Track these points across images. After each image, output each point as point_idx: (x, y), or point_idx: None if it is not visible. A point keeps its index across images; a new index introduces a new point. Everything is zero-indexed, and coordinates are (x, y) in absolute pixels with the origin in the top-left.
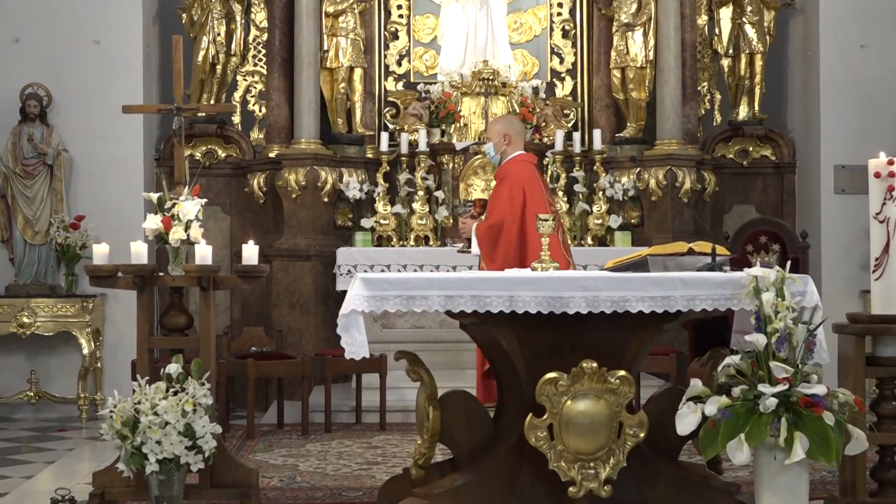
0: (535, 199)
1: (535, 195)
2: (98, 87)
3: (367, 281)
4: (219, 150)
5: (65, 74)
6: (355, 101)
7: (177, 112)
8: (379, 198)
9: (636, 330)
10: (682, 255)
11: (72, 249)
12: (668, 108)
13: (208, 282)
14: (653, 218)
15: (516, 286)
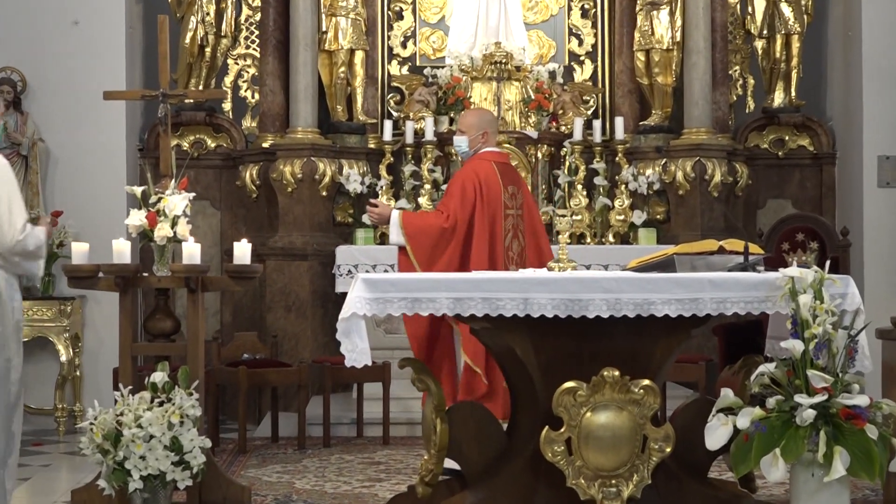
0: (482, 202)
1: (483, 198)
2: (77, 71)
3: (368, 282)
4: (208, 140)
5: (41, 58)
6: (356, 86)
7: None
8: (382, 191)
9: (662, 335)
10: (711, 254)
11: (48, 248)
12: (697, 93)
13: (197, 283)
14: (680, 214)
15: (531, 288)
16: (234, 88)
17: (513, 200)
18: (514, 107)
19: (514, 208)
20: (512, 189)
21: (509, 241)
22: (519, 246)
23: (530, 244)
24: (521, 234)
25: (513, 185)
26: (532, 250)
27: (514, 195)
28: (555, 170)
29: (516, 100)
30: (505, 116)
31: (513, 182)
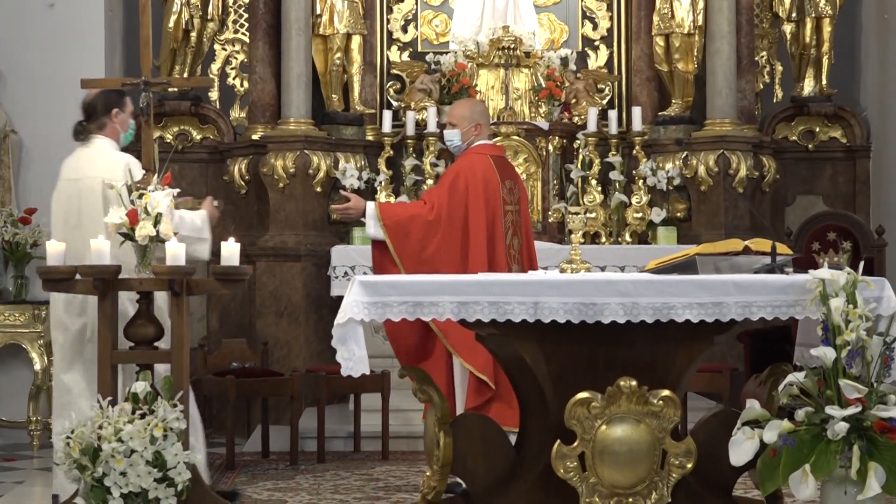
0: (480, 198)
1: (481, 195)
2: (52, 57)
3: (367, 285)
4: (193, 132)
5: (13, 43)
6: (353, 74)
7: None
8: (381, 187)
9: (682, 342)
10: (736, 255)
11: (21, 248)
12: (721, 81)
13: (181, 286)
14: (702, 211)
15: (542, 291)
16: (222, 76)
17: (511, 196)
18: (524, 96)
19: (513, 203)
20: (509, 184)
21: (510, 238)
22: (519, 243)
23: (523, 243)
24: (520, 231)
25: (510, 179)
26: (524, 248)
27: (511, 190)
28: (567, 164)
29: (526, 88)
30: (514, 106)
31: (510, 176)
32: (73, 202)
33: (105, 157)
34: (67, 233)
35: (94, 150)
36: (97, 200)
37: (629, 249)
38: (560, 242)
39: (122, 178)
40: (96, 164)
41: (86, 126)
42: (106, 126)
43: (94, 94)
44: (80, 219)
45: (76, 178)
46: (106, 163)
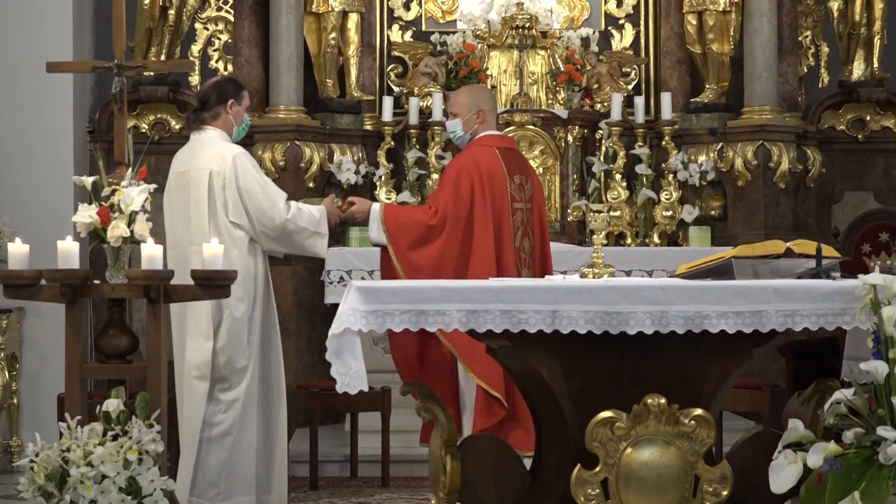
0: (485, 196)
1: (486, 192)
2: (15, 40)
3: (365, 291)
4: (171, 121)
5: None
6: (350, 56)
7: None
8: (381, 183)
9: (717, 356)
10: (777, 258)
11: None
12: (760, 64)
13: (158, 292)
14: (739, 209)
15: (560, 298)
16: (203, 59)
17: (521, 192)
18: (540, 80)
19: (523, 201)
20: (519, 179)
21: (520, 239)
22: (530, 245)
23: (537, 245)
24: (531, 232)
25: (520, 173)
26: (538, 250)
27: (521, 185)
28: (588, 156)
29: (542, 72)
30: (528, 92)
31: (520, 171)
32: (181, 197)
33: (214, 147)
34: (176, 233)
35: (203, 141)
36: (203, 194)
37: (658, 252)
38: (580, 244)
39: (231, 170)
40: (204, 154)
41: (199, 115)
42: (220, 116)
43: (211, 84)
44: (188, 214)
45: (184, 170)
46: (214, 153)
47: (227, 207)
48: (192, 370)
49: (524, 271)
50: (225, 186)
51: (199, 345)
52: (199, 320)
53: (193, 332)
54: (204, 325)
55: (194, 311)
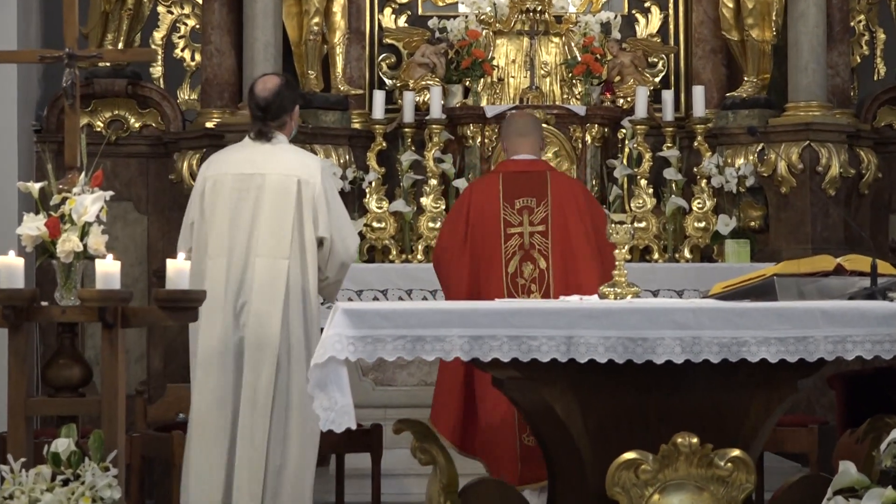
0: (469, 224)
1: (476, 216)
2: None
3: (352, 314)
4: (131, 118)
5: None
6: (335, 44)
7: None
8: (371, 189)
9: (757, 388)
10: (826, 276)
11: None
12: (806, 54)
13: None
14: (782, 219)
15: (577, 322)
16: (167, 47)
17: (523, 216)
18: (554, 72)
19: (527, 225)
20: (524, 202)
21: (516, 264)
22: (535, 269)
23: (557, 266)
24: (539, 256)
25: (529, 196)
26: (558, 271)
27: (527, 209)
28: (609, 159)
29: (556, 63)
30: (541, 86)
31: (530, 193)
32: (243, 203)
33: (293, 153)
34: (232, 241)
35: (279, 148)
36: (288, 202)
37: (689, 269)
38: None
39: (320, 182)
40: (283, 159)
41: (267, 125)
42: (286, 126)
43: (274, 90)
44: (254, 222)
45: (250, 172)
46: (296, 160)
47: (316, 221)
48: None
49: (521, 297)
50: (315, 198)
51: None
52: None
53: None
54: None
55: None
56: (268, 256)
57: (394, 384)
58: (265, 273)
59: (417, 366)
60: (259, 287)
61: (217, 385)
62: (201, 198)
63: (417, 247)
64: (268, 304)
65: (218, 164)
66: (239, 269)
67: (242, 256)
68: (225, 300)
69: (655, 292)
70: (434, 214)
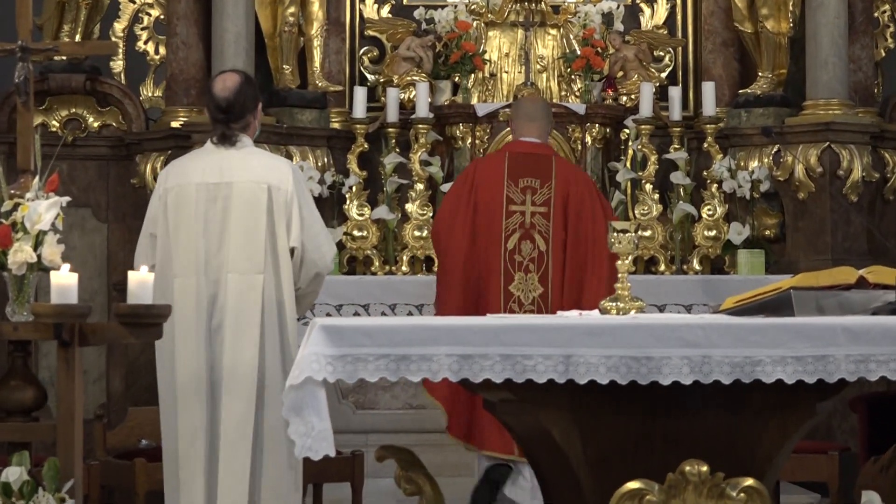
0: (470, 199)
1: (479, 192)
2: None
3: (331, 331)
4: (89, 117)
5: None
6: (312, 36)
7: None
8: (351, 195)
9: (773, 412)
10: (847, 290)
11: None
12: (826, 47)
13: (72, 332)
14: (800, 228)
15: (576, 340)
16: (129, 39)
17: (525, 195)
18: (551, 67)
19: (529, 204)
20: (528, 182)
21: (515, 242)
22: (535, 250)
23: (557, 249)
24: (538, 236)
25: (533, 177)
26: (557, 255)
27: (530, 189)
28: (612, 162)
29: (553, 57)
30: (537, 81)
31: (534, 174)
32: (211, 214)
33: (261, 157)
34: (200, 256)
35: (245, 152)
36: (259, 211)
37: (698, 282)
38: None
39: (292, 186)
40: (251, 164)
41: (230, 127)
42: (249, 126)
43: (235, 89)
44: (224, 235)
45: (216, 181)
46: (265, 164)
47: (289, 229)
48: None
49: (516, 274)
50: (287, 204)
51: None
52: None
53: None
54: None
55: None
56: (241, 272)
57: (376, 407)
58: (239, 290)
59: (402, 387)
60: (234, 306)
61: (193, 415)
62: (164, 212)
63: (402, 258)
64: (244, 325)
65: (179, 174)
66: (210, 288)
67: (213, 273)
68: (197, 322)
69: (661, 307)
70: (420, 222)
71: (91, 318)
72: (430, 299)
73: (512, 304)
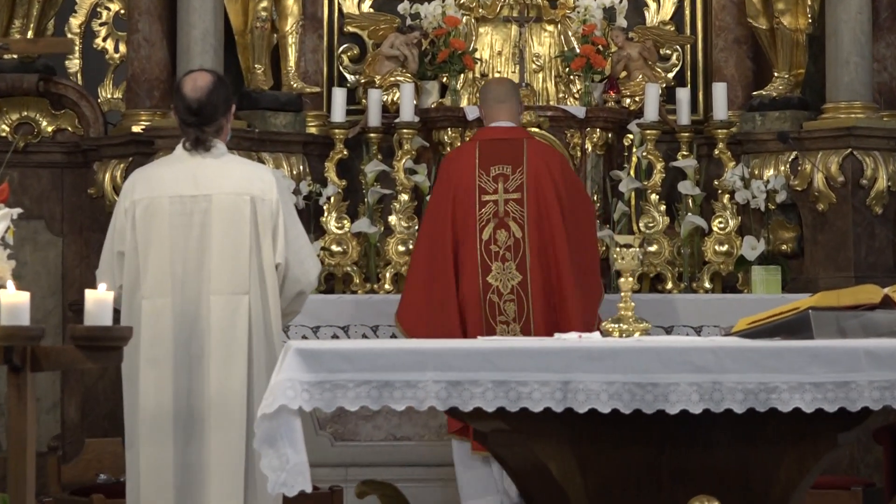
0: (444, 190)
1: (448, 182)
2: None
3: (307, 355)
4: (43, 121)
5: None
6: (287, 32)
7: None
8: (329, 206)
9: (790, 443)
10: (871, 309)
11: None
12: (847, 45)
13: (23, 357)
14: (819, 242)
15: (576, 364)
16: (86, 36)
17: (497, 183)
18: (547, 67)
19: (502, 192)
20: (499, 169)
21: (490, 232)
22: (510, 237)
23: (533, 234)
24: (513, 223)
25: (505, 163)
26: (534, 240)
27: (502, 177)
28: (614, 170)
29: (550, 55)
30: (532, 82)
31: (506, 160)
32: (190, 227)
33: (241, 166)
34: (175, 276)
35: (223, 160)
36: (243, 226)
37: (709, 301)
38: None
39: (276, 197)
40: (231, 173)
41: (204, 132)
42: (222, 130)
43: (207, 89)
44: (204, 253)
45: (193, 194)
46: (246, 174)
47: (275, 243)
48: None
49: (493, 264)
50: (273, 216)
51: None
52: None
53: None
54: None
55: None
56: (224, 293)
57: (356, 439)
58: (223, 313)
59: (385, 417)
60: (218, 330)
61: (163, 450)
62: (132, 227)
63: (385, 274)
64: (231, 351)
65: (148, 185)
66: (190, 311)
67: (193, 295)
68: (174, 349)
69: (668, 329)
70: (404, 236)
71: (44, 340)
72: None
73: (491, 295)
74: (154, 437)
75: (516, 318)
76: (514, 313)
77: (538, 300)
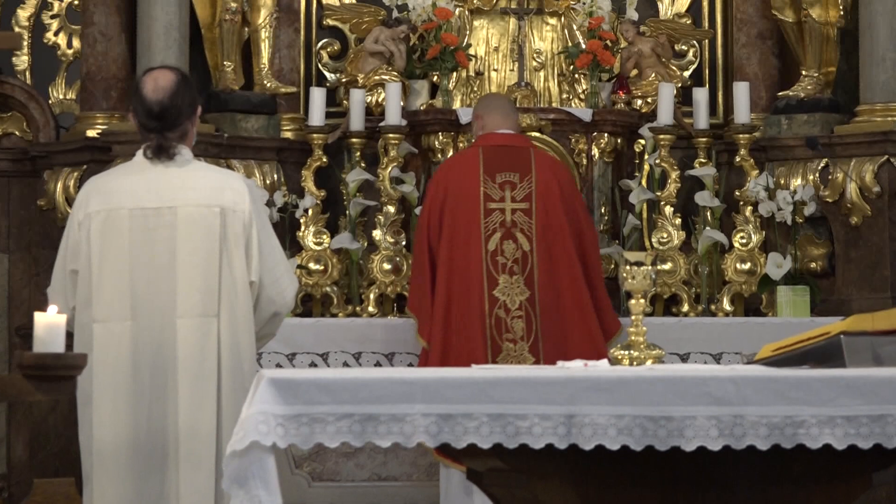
0: (447, 200)
1: (452, 190)
2: None
3: (282, 386)
4: None
5: None
6: (259, 26)
7: None
8: (307, 219)
9: (819, 483)
10: None
11: None
12: (883, 41)
13: None
14: (853, 259)
15: (581, 396)
16: (36, 30)
17: (504, 191)
18: (550, 64)
19: (509, 200)
20: (506, 177)
21: (497, 242)
22: (518, 250)
23: (541, 248)
24: (520, 235)
25: (511, 171)
26: (542, 254)
27: (508, 184)
28: (623, 179)
29: (553, 52)
30: (532, 81)
31: (511, 168)
32: (153, 243)
33: (210, 174)
34: (138, 297)
35: (188, 169)
36: (212, 241)
37: (729, 325)
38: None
39: (250, 208)
40: (198, 183)
41: (167, 137)
42: (187, 135)
43: (171, 90)
44: (172, 271)
45: (158, 205)
46: (215, 183)
47: (248, 259)
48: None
49: (502, 277)
50: (246, 228)
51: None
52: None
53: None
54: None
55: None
56: (192, 316)
57: (337, 479)
58: (191, 338)
59: (368, 454)
60: (185, 358)
61: (122, 489)
62: (87, 242)
63: (368, 296)
64: (199, 380)
65: (104, 196)
66: (153, 336)
67: (156, 318)
68: (134, 379)
69: (685, 356)
70: (390, 253)
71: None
72: (403, 346)
73: (498, 311)
74: (110, 472)
75: (524, 336)
76: (522, 331)
77: (547, 319)
